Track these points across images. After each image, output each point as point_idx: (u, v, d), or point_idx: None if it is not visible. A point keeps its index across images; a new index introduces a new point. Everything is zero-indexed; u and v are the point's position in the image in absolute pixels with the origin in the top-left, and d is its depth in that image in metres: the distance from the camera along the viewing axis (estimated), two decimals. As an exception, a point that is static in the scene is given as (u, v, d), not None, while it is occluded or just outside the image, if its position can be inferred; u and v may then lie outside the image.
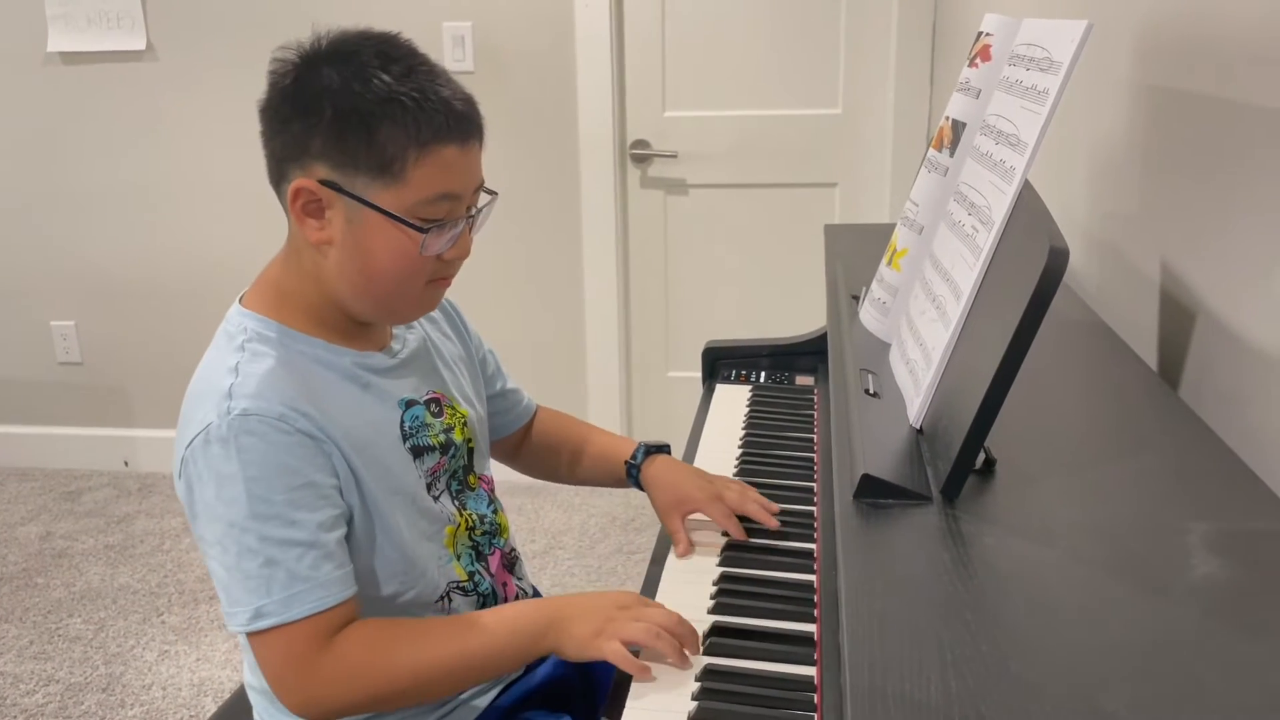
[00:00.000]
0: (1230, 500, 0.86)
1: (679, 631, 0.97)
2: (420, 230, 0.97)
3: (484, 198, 1.05)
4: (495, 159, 3.19)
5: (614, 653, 0.95)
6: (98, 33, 2.96)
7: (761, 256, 2.99)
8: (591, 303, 3.03)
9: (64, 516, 3.05)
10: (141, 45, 2.96)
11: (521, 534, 2.86)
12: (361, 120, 0.94)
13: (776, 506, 1.20)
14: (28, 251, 3.20)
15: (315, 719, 1.00)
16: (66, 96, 3.04)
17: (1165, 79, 1.24)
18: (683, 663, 0.95)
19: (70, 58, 3.00)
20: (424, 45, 1.01)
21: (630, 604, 1.00)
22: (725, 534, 1.19)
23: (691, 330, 3.03)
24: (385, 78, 0.95)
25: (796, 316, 2.26)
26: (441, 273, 1.04)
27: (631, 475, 1.29)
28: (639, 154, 2.95)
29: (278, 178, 1.01)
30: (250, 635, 0.96)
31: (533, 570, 2.70)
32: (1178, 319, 1.17)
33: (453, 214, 0.99)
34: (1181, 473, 0.92)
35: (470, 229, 1.03)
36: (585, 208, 2.95)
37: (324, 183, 0.96)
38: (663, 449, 1.31)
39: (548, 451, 1.38)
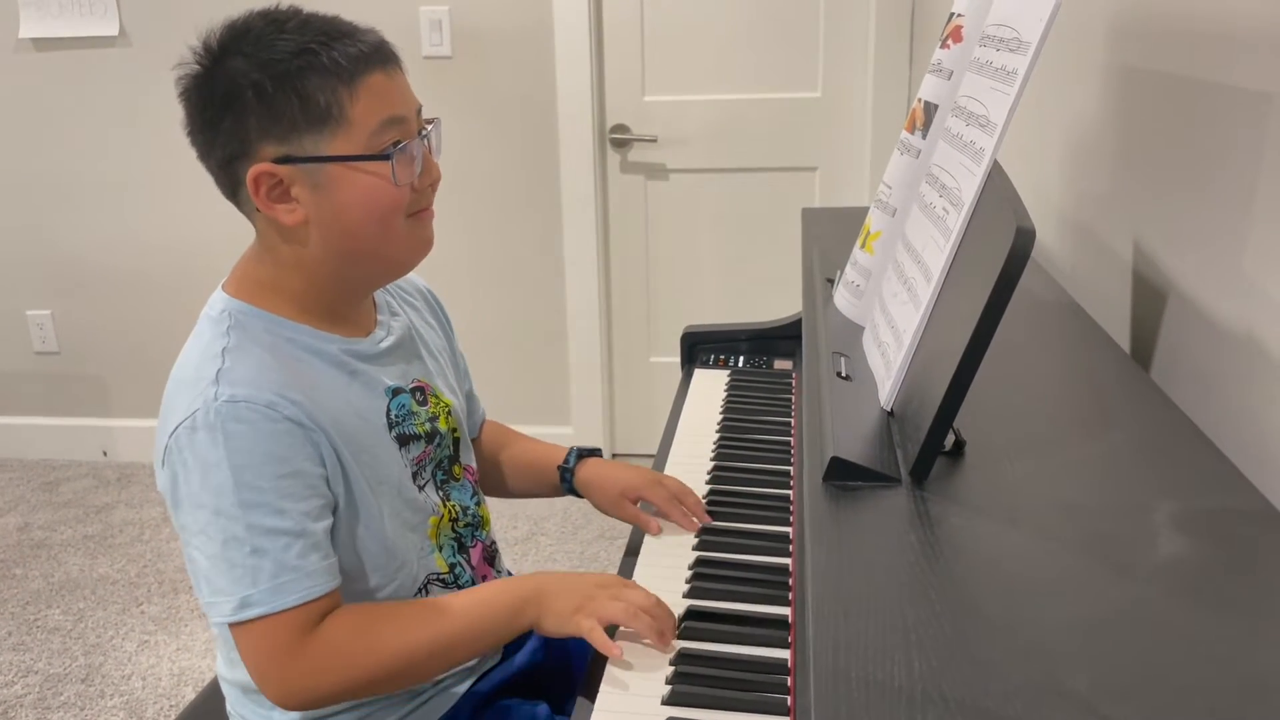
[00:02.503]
0: (1198, 480, 0.86)
1: (657, 614, 0.97)
2: (384, 158, 0.96)
3: (432, 129, 1.04)
4: (474, 144, 3.17)
5: (591, 630, 0.96)
6: (70, 18, 2.93)
7: (742, 240, 2.98)
8: (572, 288, 3.02)
9: (42, 507, 3.03)
10: (114, 31, 2.92)
11: (504, 520, 2.85)
12: (284, 83, 0.93)
13: (707, 519, 1.19)
14: (1, 240, 3.17)
15: (299, 708, 1.00)
16: (39, 83, 3.00)
17: (1140, 59, 1.24)
18: (660, 643, 0.96)
19: (42, 44, 2.97)
20: (401, 29, 1.00)
21: (610, 584, 1.01)
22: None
23: (673, 315, 3.03)
24: (286, 36, 0.94)
25: (778, 300, 2.26)
26: (419, 203, 1.02)
27: (565, 480, 1.28)
28: (619, 138, 2.93)
29: (231, 184, 0.99)
30: (233, 626, 0.94)
31: (515, 556, 2.70)
32: (1150, 299, 1.17)
33: (405, 136, 0.98)
34: (1150, 453, 0.92)
35: (430, 152, 1.02)
36: (565, 193, 2.94)
37: (277, 160, 0.95)
38: (594, 453, 1.29)
39: (488, 465, 1.34)
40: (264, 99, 0.93)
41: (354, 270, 1.03)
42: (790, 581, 1.05)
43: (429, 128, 1.02)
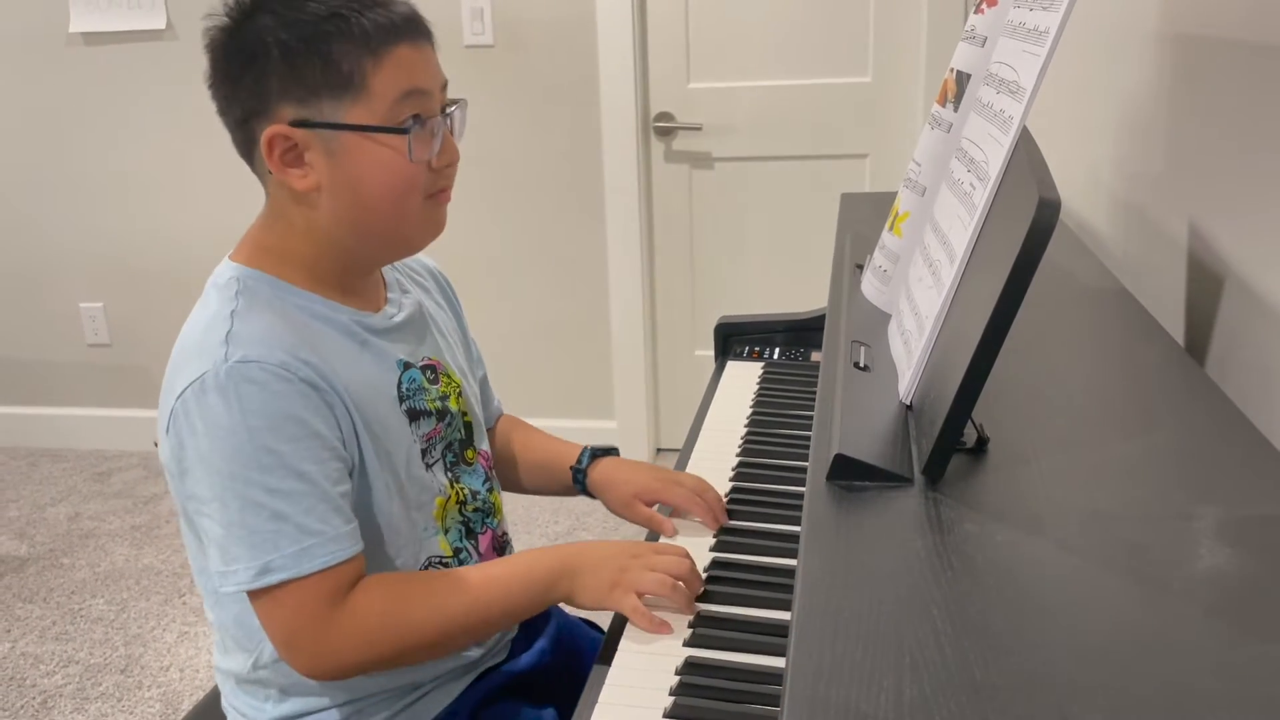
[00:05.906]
0: (1249, 483, 0.77)
1: (690, 578, 0.97)
2: (401, 132, 0.94)
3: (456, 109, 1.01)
4: (516, 134, 3.13)
5: (631, 607, 0.95)
6: (118, 12, 2.95)
7: (790, 231, 2.89)
8: (616, 279, 2.96)
9: (93, 497, 3.07)
10: (162, 24, 2.94)
11: (545, 514, 2.81)
12: (310, 45, 0.92)
13: (725, 519, 1.13)
14: (55, 233, 3.21)
15: (326, 678, 0.98)
16: (90, 77, 3.03)
17: (1196, 26, 1.15)
18: (689, 611, 0.96)
19: (91, 38, 2.99)
20: (442, 18, 1.01)
21: (642, 552, 1.00)
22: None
23: (718, 307, 2.93)
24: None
25: (827, 293, 2.17)
26: (437, 184, 1.00)
27: (578, 481, 1.23)
28: (663, 127, 2.87)
29: (246, 143, 0.98)
30: (255, 596, 0.91)
31: (554, 553, 2.65)
32: (1206, 286, 1.08)
33: (426, 111, 0.96)
34: (1197, 453, 0.83)
35: (451, 132, 1.00)
36: (608, 182, 2.88)
37: (294, 123, 0.93)
38: (610, 452, 1.24)
39: (502, 460, 1.29)
40: (288, 59, 0.92)
41: (361, 244, 1.01)
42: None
43: (453, 107, 1.00)
